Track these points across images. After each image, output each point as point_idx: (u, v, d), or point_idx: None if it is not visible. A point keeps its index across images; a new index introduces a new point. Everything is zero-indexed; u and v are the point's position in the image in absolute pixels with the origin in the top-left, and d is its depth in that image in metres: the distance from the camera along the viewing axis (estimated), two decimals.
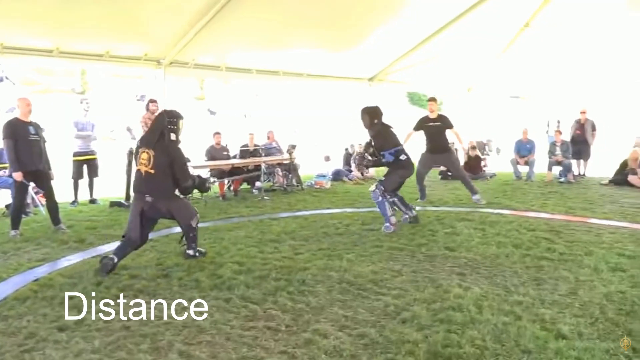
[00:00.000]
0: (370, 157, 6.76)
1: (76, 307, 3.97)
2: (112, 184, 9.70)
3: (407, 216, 6.99)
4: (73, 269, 5.01)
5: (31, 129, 6.67)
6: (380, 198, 6.57)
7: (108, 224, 7.11)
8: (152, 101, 8.94)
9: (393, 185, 6.74)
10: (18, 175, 6.57)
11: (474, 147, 12.65)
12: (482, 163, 13.25)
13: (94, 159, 9.04)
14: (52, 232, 6.65)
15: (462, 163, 12.62)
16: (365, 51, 10.80)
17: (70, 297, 4.14)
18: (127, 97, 20.78)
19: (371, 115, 6.67)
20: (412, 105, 34.27)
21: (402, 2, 9.20)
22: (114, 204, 8.48)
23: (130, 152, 8.63)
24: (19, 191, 6.73)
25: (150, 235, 6.38)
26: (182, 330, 3.57)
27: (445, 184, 11.47)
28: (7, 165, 8.08)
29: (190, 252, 5.34)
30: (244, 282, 4.51)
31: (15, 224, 6.62)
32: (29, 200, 7.94)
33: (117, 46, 7.78)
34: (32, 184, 7.13)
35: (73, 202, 8.81)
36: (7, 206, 7.96)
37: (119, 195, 8.92)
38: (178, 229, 6.84)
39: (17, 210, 6.76)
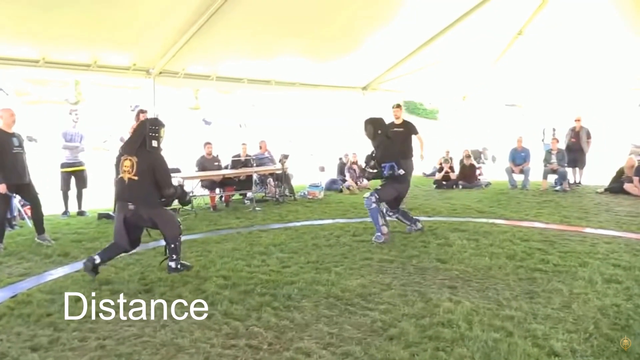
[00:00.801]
0: (371, 170, 6.67)
1: (52, 325, 3.85)
2: (101, 195, 9.56)
3: (411, 228, 6.93)
4: (54, 284, 4.85)
5: (15, 141, 6.53)
6: (373, 205, 6.45)
7: (94, 237, 6.96)
8: (142, 111, 8.79)
9: (388, 196, 6.66)
10: (1, 188, 6.43)
11: (468, 156, 12.55)
12: (478, 172, 13.16)
13: (82, 170, 8.90)
14: (36, 246, 6.49)
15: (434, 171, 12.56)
16: (357, 60, 10.72)
17: (47, 314, 4.05)
18: (121, 108, 20.67)
19: (375, 126, 6.66)
20: (409, 115, 34.23)
21: (394, 10, 9.13)
22: (102, 216, 8.33)
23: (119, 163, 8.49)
24: (2, 204, 6.57)
25: (135, 249, 6.32)
26: (160, 350, 3.42)
27: (440, 193, 11.34)
28: None
29: (172, 264, 5.18)
30: (228, 298, 4.37)
31: None
32: (15, 213, 7.81)
33: (105, 56, 7.68)
34: (17, 197, 6.99)
35: (64, 213, 8.68)
36: None
37: (108, 206, 8.75)
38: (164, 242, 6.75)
39: (0, 223, 6.60)
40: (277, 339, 3.58)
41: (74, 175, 8.79)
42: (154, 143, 4.98)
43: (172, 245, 5.18)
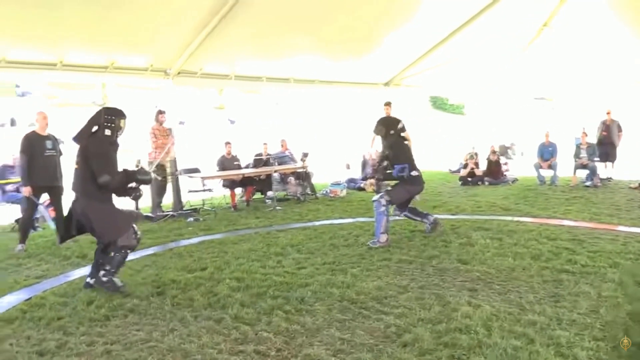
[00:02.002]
0: (384, 170, 6.45)
1: (62, 329, 3.82)
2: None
3: (427, 225, 6.67)
4: (68, 287, 4.85)
5: (48, 144, 6.67)
6: (382, 208, 6.15)
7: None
8: (160, 112, 8.84)
9: (400, 198, 6.44)
10: (26, 190, 6.54)
11: (494, 152, 12.21)
12: (504, 167, 12.81)
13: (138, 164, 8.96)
14: (55, 248, 6.53)
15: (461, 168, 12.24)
16: (379, 56, 10.51)
17: (58, 318, 4.03)
18: (146, 109, 20.92)
19: (387, 126, 6.49)
20: (435, 110, 33.77)
21: (416, 4, 8.89)
22: None
23: (138, 164, 8.50)
24: (28, 206, 6.68)
25: (153, 250, 6.32)
26: (166, 355, 3.35)
27: (465, 190, 11.06)
28: (16, 180, 8.09)
29: (104, 277, 4.56)
30: (239, 301, 4.28)
31: (22, 238, 6.58)
32: (37, 215, 7.90)
33: (122, 58, 7.66)
34: (43, 200, 7.11)
35: None
36: (16, 220, 7.91)
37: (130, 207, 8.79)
38: (183, 242, 6.75)
39: (25, 224, 6.73)
40: (286, 344, 3.46)
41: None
42: (107, 132, 4.58)
43: (112, 254, 4.61)
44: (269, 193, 10.06)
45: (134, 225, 4.79)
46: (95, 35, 6.90)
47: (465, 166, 12.46)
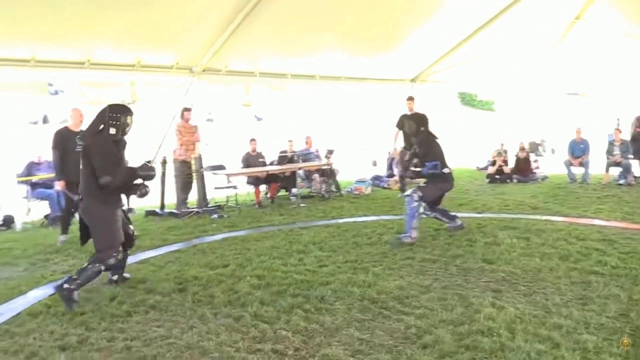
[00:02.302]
0: (414, 168, 6.36)
1: (84, 324, 3.88)
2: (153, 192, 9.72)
3: (451, 225, 6.55)
4: (92, 282, 4.91)
5: (79, 140, 6.77)
6: (414, 204, 6.05)
7: (138, 234, 7.02)
8: (186, 109, 8.91)
9: (432, 196, 6.30)
10: (60, 184, 6.73)
11: (523, 149, 11.94)
12: (534, 165, 12.52)
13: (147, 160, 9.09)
14: None
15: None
16: (405, 51, 10.38)
17: (81, 313, 4.09)
18: (174, 107, 21.16)
19: (418, 122, 6.42)
20: (464, 106, 33.25)
21: None
22: (150, 213, 8.48)
23: (164, 161, 8.62)
24: (66, 199, 6.86)
25: (177, 246, 6.39)
26: (184, 352, 3.35)
27: (492, 188, 10.84)
28: (42, 176, 8.28)
29: (66, 284, 4.21)
30: (259, 298, 4.27)
31: (63, 229, 6.77)
32: None
33: (148, 56, 7.75)
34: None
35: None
36: (46, 216, 8.11)
37: (155, 204, 8.89)
38: (207, 239, 6.79)
39: (64, 216, 6.90)
40: (304, 344, 3.43)
41: None
42: (112, 131, 4.41)
43: (86, 265, 4.34)
44: (293, 190, 10.05)
45: (120, 246, 4.54)
46: (122, 34, 7.01)
47: (493, 163, 12.21)
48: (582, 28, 10.25)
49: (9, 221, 7.98)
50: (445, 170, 6.19)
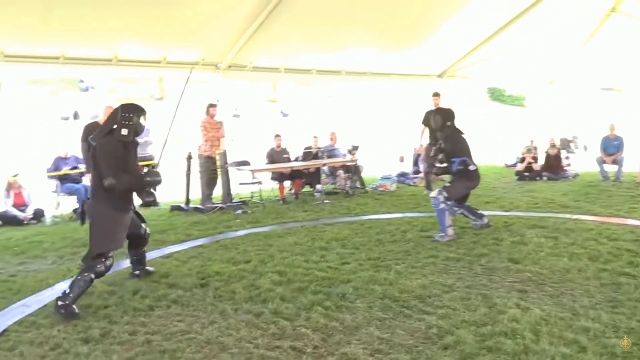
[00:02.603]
0: (439, 164, 6.24)
1: (107, 317, 3.93)
2: (174, 187, 9.81)
3: (477, 223, 6.45)
4: (116, 276, 4.97)
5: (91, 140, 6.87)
6: (441, 205, 5.97)
7: (163, 229, 7.13)
8: (211, 105, 8.97)
9: (458, 194, 6.18)
10: (89, 177, 6.84)
11: (553, 145, 11.64)
12: (566, 162, 12.19)
13: (152, 164, 9.20)
14: None
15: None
16: (431, 46, 10.22)
17: (105, 306, 4.15)
18: (201, 102, 21.41)
19: (444, 117, 6.23)
20: (493, 102, 32.66)
21: None
22: (174, 208, 8.57)
23: (189, 157, 8.70)
24: None
25: (200, 241, 6.44)
26: (204, 348, 3.37)
27: (521, 185, 10.60)
28: (71, 171, 8.45)
29: (60, 302, 3.97)
30: (280, 295, 4.26)
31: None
32: None
33: (174, 52, 7.83)
34: None
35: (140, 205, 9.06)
36: (74, 210, 8.28)
37: (180, 199, 8.98)
38: (230, 234, 6.83)
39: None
40: (324, 341, 3.41)
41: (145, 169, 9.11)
42: (124, 131, 4.25)
43: (77, 277, 4.10)
44: (318, 186, 10.03)
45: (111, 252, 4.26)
46: (148, 31, 7.10)
47: (522, 160, 11.95)
48: (618, 20, 9.93)
49: (39, 215, 8.18)
50: (472, 167, 6.04)
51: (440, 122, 6.23)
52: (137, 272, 4.89)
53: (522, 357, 3.04)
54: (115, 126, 4.28)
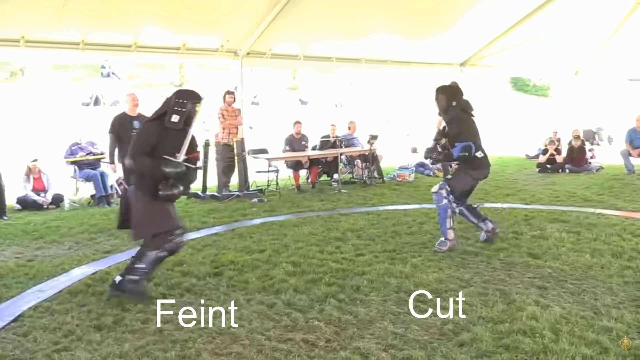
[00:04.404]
0: (440, 149, 5.39)
1: (120, 305, 3.93)
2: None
3: (483, 233, 5.47)
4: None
5: (136, 124, 6.82)
6: (444, 201, 5.18)
7: (180, 216, 7.12)
8: (228, 93, 8.91)
9: (463, 186, 5.30)
10: (112, 168, 7.04)
11: (577, 137, 11.36)
12: (590, 154, 11.91)
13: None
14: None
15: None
16: (454, 34, 10.02)
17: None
18: (220, 89, 21.45)
19: (448, 96, 5.22)
20: (516, 92, 32.11)
21: None
22: (191, 195, 8.57)
23: (206, 144, 8.68)
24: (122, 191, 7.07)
25: (216, 229, 6.42)
26: (215, 338, 3.34)
27: (542, 177, 10.38)
28: (86, 157, 8.51)
29: (118, 279, 4.02)
30: (293, 286, 4.21)
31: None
32: (112, 191, 8.30)
33: (194, 39, 7.81)
34: (117, 177, 7.45)
35: None
36: (92, 196, 8.35)
37: (197, 186, 8.97)
38: (246, 223, 6.81)
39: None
40: (337, 335, 3.35)
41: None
42: (174, 118, 3.96)
43: (138, 254, 4.05)
44: (335, 175, 9.95)
45: (177, 230, 4.14)
46: (168, 18, 7.10)
47: (544, 152, 11.70)
48: None
49: (58, 200, 8.25)
50: (478, 154, 5.13)
51: (445, 102, 5.24)
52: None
53: (540, 356, 2.95)
54: (166, 111, 4.02)
